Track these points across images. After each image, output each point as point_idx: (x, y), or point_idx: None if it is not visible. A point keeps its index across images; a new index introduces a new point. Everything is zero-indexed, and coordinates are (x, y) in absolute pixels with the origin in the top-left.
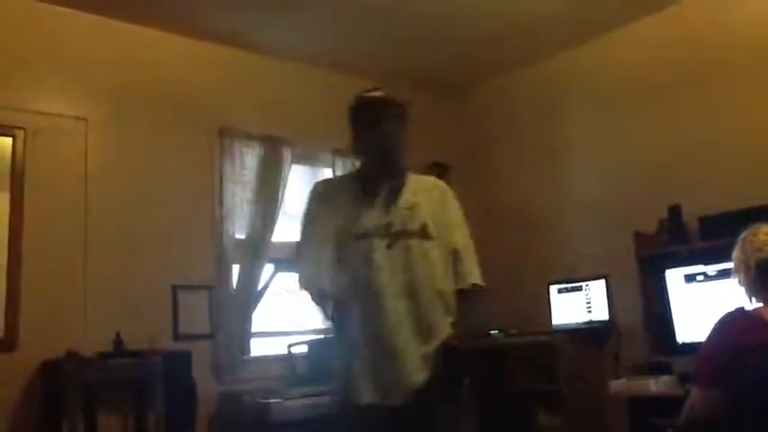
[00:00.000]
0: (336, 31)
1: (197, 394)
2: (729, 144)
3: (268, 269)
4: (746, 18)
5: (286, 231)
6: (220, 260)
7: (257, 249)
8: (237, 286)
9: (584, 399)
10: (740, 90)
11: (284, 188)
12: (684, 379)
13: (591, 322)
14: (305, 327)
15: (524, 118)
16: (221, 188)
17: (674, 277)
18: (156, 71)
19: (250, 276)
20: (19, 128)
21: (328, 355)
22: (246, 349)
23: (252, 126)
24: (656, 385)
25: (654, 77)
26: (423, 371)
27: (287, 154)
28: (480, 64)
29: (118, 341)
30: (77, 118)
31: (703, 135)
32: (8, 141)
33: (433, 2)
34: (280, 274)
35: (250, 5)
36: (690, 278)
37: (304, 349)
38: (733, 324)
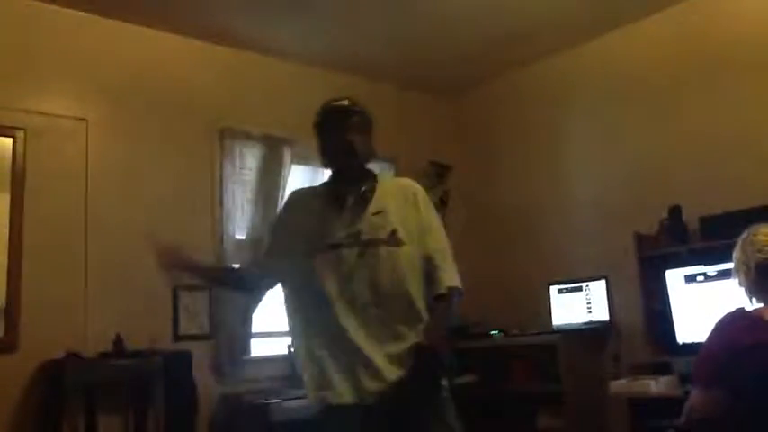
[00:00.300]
0: (337, 32)
1: (197, 394)
2: (730, 144)
3: None
4: (746, 17)
5: None
6: (221, 260)
7: (257, 250)
8: None
9: (584, 399)
10: (741, 90)
11: (284, 188)
12: (685, 379)
13: (591, 323)
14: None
15: (525, 118)
16: (221, 188)
17: (675, 278)
18: (157, 72)
19: None
20: (19, 128)
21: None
22: (247, 350)
23: (252, 126)
24: (657, 386)
25: (653, 78)
26: (394, 371)
27: (287, 154)
28: (481, 64)
29: (118, 341)
30: (78, 118)
31: (704, 135)
32: (9, 142)
33: (434, 2)
34: None
35: (250, 5)
36: (690, 278)
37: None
38: (733, 324)
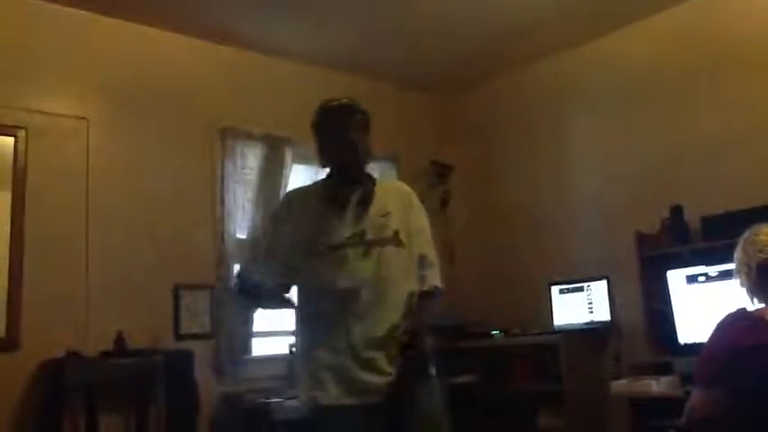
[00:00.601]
0: (338, 31)
1: (198, 394)
2: (732, 144)
3: None
4: (752, 16)
5: None
6: (222, 260)
7: (258, 249)
8: None
9: (585, 399)
10: (745, 89)
11: (285, 188)
12: (686, 380)
13: (592, 323)
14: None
15: (526, 117)
16: (223, 188)
17: (676, 278)
18: (158, 71)
19: None
20: (21, 127)
21: (297, 357)
22: (248, 349)
23: (253, 126)
24: (658, 386)
25: (656, 77)
26: (390, 370)
27: (288, 154)
28: (482, 62)
29: (119, 340)
30: (79, 117)
31: (706, 135)
32: (10, 141)
33: (435, 1)
34: None
35: (252, 5)
36: (691, 279)
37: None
38: (734, 324)
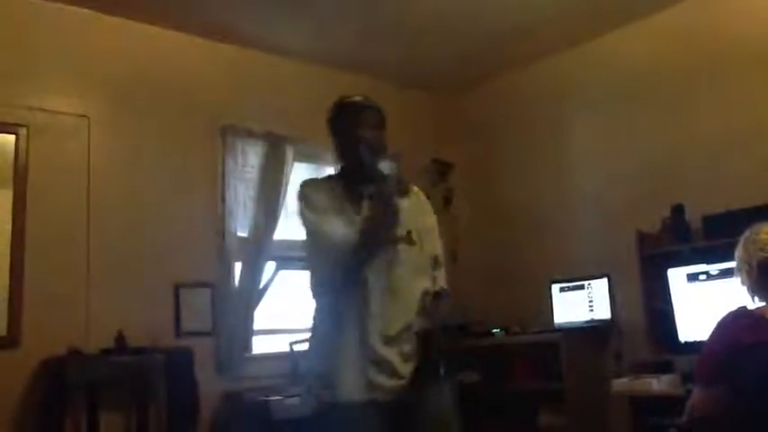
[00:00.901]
0: (339, 29)
1: (199, 391)
2: (733, 142)
3: (270, 267)
4: (753, 14)
5: (288, 229)
6: (222, 258)
7: (259, 247)
8: (239, 284)
9: (586, 397)
10: (745, 88)
11: (286, 186)
12: (687, 378)
13: (593, 321)
14: (307, 324)
15: (527, 116)
16: (223, 186)
17: (677, 276)
18: (159, 69)
19: (252, 274)
20: (22, 125)
21: (310, 354)
22: (248, 347)
23: (254, 124)
24: (659, 384)
25: (657, 76)
26: (408, 368)
27: (289, 152)
28: (483, 61)
29: (120, 338)
30: (80, 115)
31: (706, 133)
32: (11, 139)
33: (436, 0)
34: (282, 272)
35: (253, 3)
36: (692, 277)
37: (306, 347)
38: (734, 323)
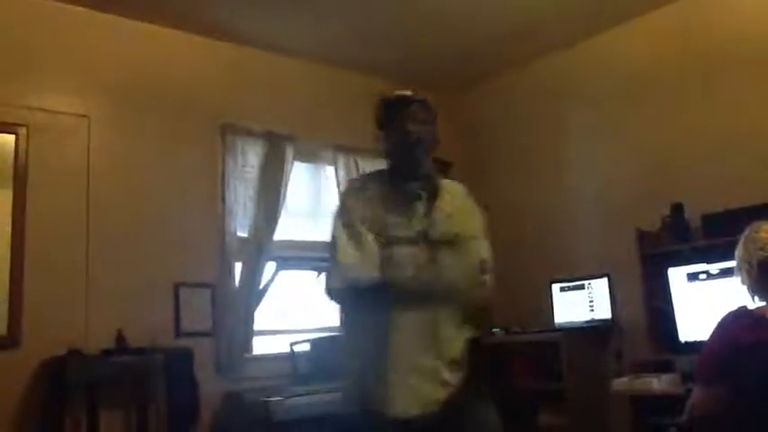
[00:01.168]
0: (339, 29)
1: (199, 392)
2: (732, 141)
3: (270, 267)
4: (749, 14)
5: (288, 229)
6: (222, 258)
7: (260, 247)
8: (240, 284)
9: (586, 397)
10: (745, 87)
11: (286, 185)
12: (687, 377)
13: (593, 320)
14: (307, 325)
15: (526, 115)
16: (223, 185)
17: (677, 275)
18: (159, 68)
19: (252, 274)
20: (21, 125)
21: (344, 357)
22: (249, 347)
23: (254, 123)
24: (659, 384)
25: (656, 74)
26: (449, 378)
27: (289, 151)
28: (482, 60)
29: (120, 338)
30: (80, 115)
31: (706, 132)
32: (11, 139)
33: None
34: (282, 272)
35: (252, 2)
36: (692, 276)
37: (306, 347)
38: (734, 322)
